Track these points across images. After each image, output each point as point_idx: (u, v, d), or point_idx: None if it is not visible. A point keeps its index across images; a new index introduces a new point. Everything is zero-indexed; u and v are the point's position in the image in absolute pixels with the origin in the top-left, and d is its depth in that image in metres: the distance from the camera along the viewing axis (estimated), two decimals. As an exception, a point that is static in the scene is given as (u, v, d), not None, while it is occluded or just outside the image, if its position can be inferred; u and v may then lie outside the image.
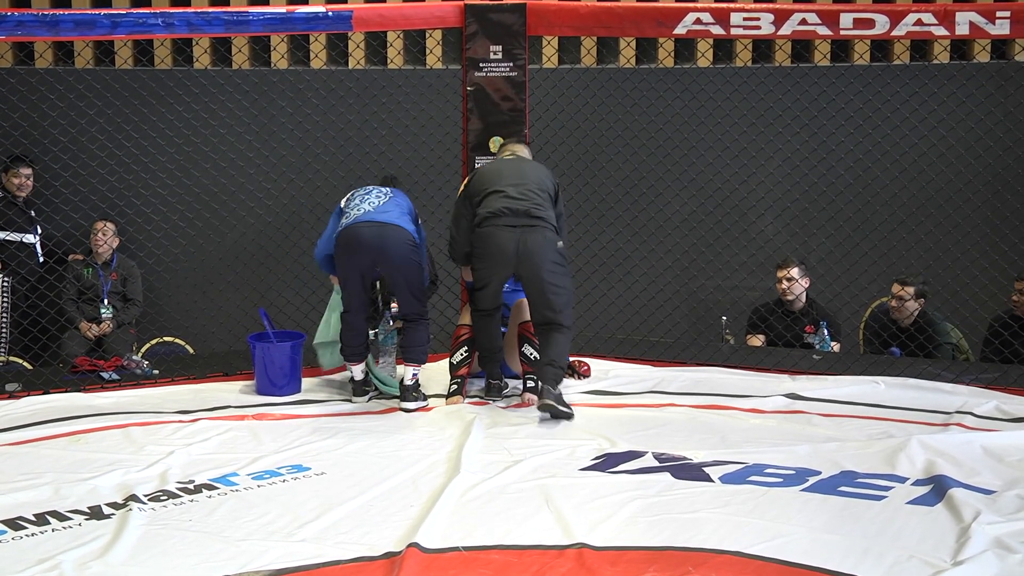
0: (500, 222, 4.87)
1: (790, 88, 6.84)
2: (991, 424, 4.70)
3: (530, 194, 4.94)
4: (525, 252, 4.84)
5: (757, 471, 4.09)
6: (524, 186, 4.97)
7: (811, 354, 5.90)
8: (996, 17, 5.46)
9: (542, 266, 4.84)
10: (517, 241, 4.85)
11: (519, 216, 4.87)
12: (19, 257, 6.77)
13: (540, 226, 4.87)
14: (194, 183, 7.07)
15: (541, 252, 4.84)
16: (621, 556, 3.31)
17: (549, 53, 7.68)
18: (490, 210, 4.92)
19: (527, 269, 4.88)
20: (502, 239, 4.86)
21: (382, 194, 5.15)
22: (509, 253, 4.87)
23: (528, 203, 4.90)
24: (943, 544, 3.37)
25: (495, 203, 4.92)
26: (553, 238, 4.90)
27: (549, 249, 4.86)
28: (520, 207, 4.88)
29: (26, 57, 7.65)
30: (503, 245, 4.86)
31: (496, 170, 5.11)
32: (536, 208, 4.90)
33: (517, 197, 4.91)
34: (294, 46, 7.67)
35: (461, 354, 5.23)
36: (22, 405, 5.04)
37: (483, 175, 5.12)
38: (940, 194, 6.66)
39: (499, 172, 5.08)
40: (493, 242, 4.89)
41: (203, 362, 5.89)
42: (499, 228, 4.87)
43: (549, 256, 4.86)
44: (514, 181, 4.98)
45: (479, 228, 4.96)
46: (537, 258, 4.84)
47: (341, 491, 3.92)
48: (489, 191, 4.99)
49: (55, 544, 3.43)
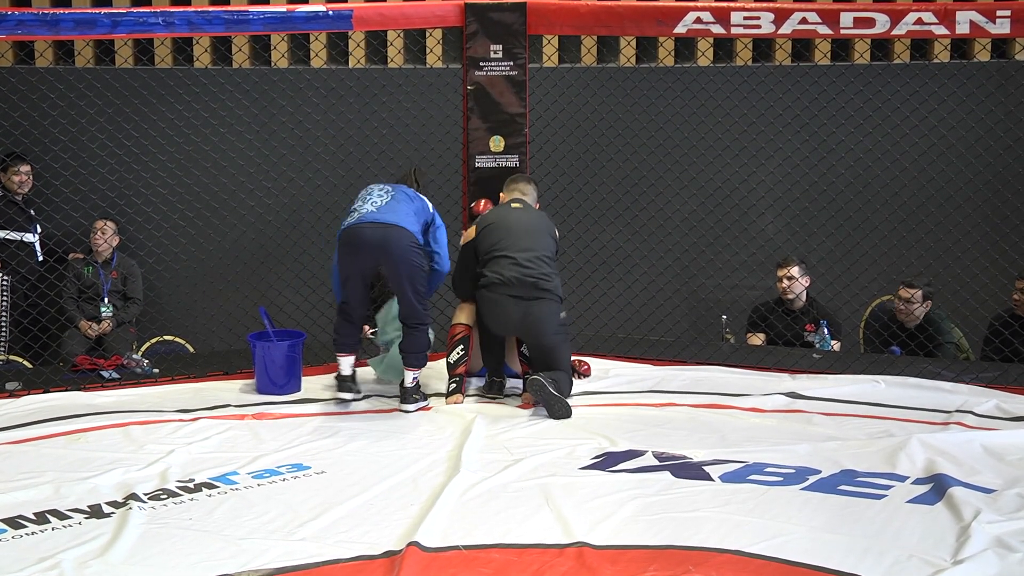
0: (509, 291, 5.04)
1: (790, 87, 6.84)
2: (991, 423, 4.70)
3: (539, 263, 5.09)
4: (531, 323, 5.06)
5: (757, 470, 4.09)
6: (533, 252, 5.11)
7: (811, 353, 5.90)
8: (996, 16, 5.46)
9: (545, 335, 5.08)
10: (524, 313, 5.04)
11: (527, 288, 5.04)
12: (19, 256, 6.77)
13: (547, 298, 5.07)
14: (194, 183, 7.06)
15: (546, 323, 5.06)
16: (621, 555, 3.31)
17: (549, 52, 7.68)
18: (500, 277, 5.06)
19: (531, 337, 5.14)
20: (509, 308, 5.05)
21: (384, 192, 5.13)
22: (515, 322, 5.09)
23: (537, 272, 5.06)
24: (943, 543, 3.37)
25: (505, 270, 5.06)
26: (557, 308, 5.11)
27: (553, 320, 5.09)
28: (529, 278, 5.04)
29: (26, 56, 7.65)
30: (510, 315, 5.06)
31: (506, 227, 5.20)
32: (544, 279, 5.07)
33: (526, 266, 5.06)
34: (294, 45, 7.67)
35: (458, 353, 5.23)
36: (22, 404, 5.04)
37: (493, 231, 5.22)
38: (940, 193, 6.66)
39: (508, 230, 5.18)
40: (500, 310, 5.08)
41: (203, 361, 5.89)
42: (506, 298, 5.06)
43: (551, 328, 5.08)
44: (524, 246, 5.12)
45: (487, 291, 5.10)
46: (542, 327, 5.06)
47: (341, 490, 3.92)
48: (498, 254, 5.12)
49: (55, 543, 3.43)
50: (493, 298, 5.08)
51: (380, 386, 5.41)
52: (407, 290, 4.97)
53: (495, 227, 5.23)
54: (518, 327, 5.12)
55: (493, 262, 5.13)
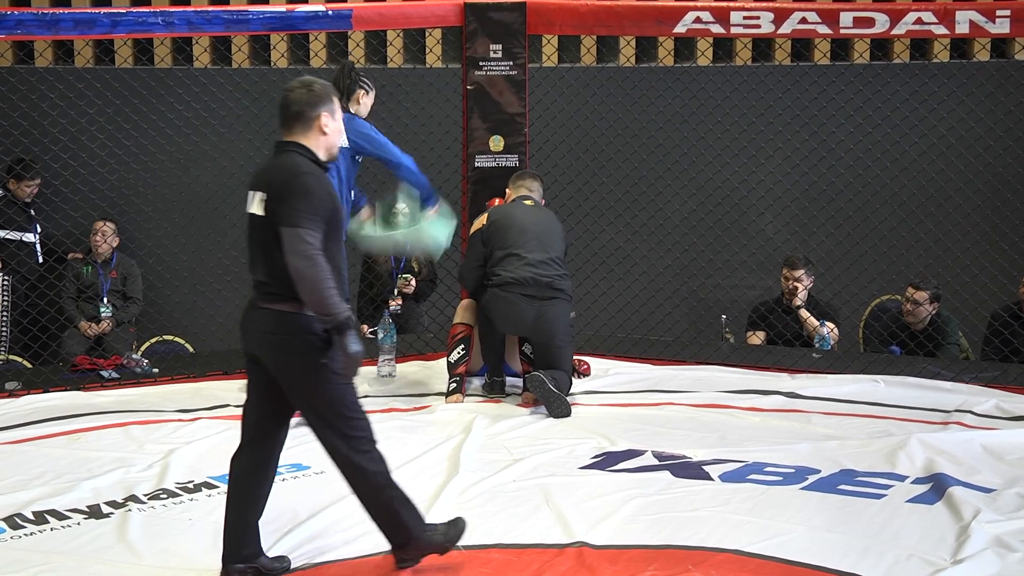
0: (523, 291, 5.04)
1: (790, 87, 6.84)
2: (991, 422, 4.70)
3: (552, 263, 5.11)
4: (545, 323, 5.06)
5: (757, 469, 4.09)
6: (547, 253, 5.12)
7: (811, 352, 5.90)
8: (996, 16, 5.46)
9: (557, 335, 5.08)
10: (538, 313, 5.04)
11: (542, 288, 5.05)
12: (19, 256, 6.77)
13: (560, 298, 5.09)
14: (194, 183, 7.06)
15: (558, 324, 5.08)
16: (621, 554, 3.31)
17: (549, 52, 7.67)
18: (513, 276, 5.04)
19: (542, 337, 5.11)
20: (523, 308, 5.04)
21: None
22: (527, 322, 5.08)
23: (550, 273, 5.07)
24: (943, 542, 3.37)
25: (518, 270, 5.05)
26: (568, 308, 5.15)
27: (565, 321, 5.12)
28: (544, 278, 5.04)
29: (26, 56, 7.64)
30: (523, 315, 5.06)
31: (518, 226, 5.17)
32: (558, 280, 5.09)
33: (541, 267, 5.06)
34: (294, 45, 7.67)
35: (458, 352, 5.23)
36: (22, 404, 5.04)
37: (504, 226, 5.20)
38: (940, 193, 6.65)
39: (521, 229, 5.15)
40: (513, 310, 5.06)
41: (203, 361, 5.89)
42: (520, 297, 5.04)
43: (563, 328, 5.10)
44: (538, 246, 5.12)
45: (499, 290, 5.07)
46: (554, 328, 5.07)
47: (341, 490, 3.88)
48: (511, 252, 5.10)
49: (54, 543, 3.44)
50: (506, 297, 5.05)
51: (379, 386, 5.41)
52: None
53: (508, 225, 5.20)
54: (531, 327, 5.10)
55: (506, 261, 5.10)
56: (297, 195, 3.08)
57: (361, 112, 4.98)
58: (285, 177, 3.14)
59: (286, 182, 3.13)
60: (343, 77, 4.95)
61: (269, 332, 3.15)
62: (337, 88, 4.92)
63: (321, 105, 3.24)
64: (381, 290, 6.53)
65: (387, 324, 5.57)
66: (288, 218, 3.06)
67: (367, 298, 6.60)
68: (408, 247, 5.05)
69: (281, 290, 3.11)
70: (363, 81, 5.01)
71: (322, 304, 3.02)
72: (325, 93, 3.27)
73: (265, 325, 3.16)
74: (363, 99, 5.00)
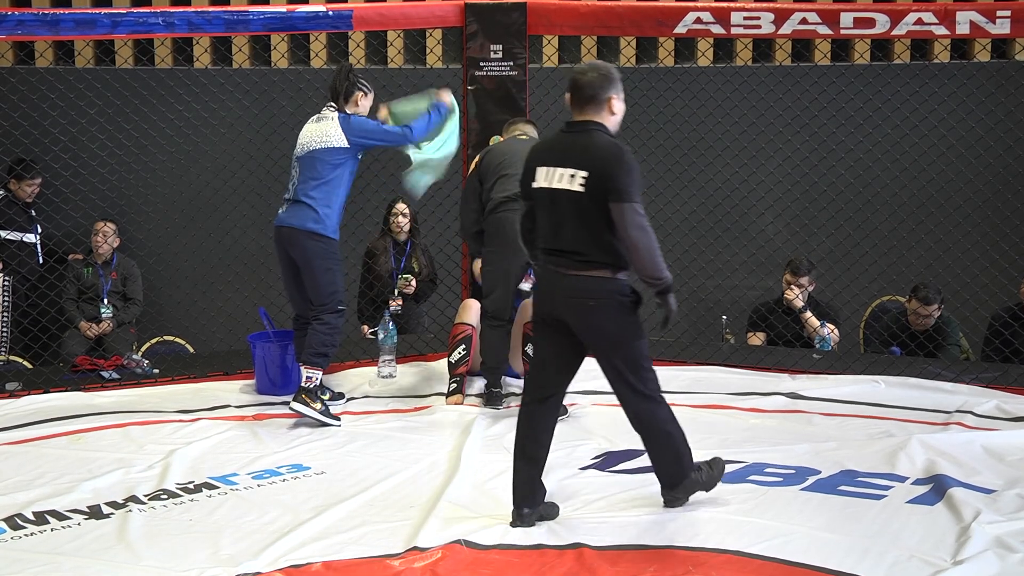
0: (516, 207, 4.80)
1: (790, 87, 6.83)
2: (991, 423, 4.70)
3: None
4: None
5: (757, 470, 4.09)
6: None
7: (811, 353, 5.90)
8: (996, 16, 5.45)
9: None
10: None
11: None
12: (19, 256, 6.77)
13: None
14: (194, 183, 7.06)
15: None
16: (621, 556, 3.32)
17: (549, 52, 7.67)
18: (505, 194, 4.92)
19: None
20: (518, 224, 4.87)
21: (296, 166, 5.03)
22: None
23: None
24: (943, 543, 3.38)
25: (511, 187, 4.85)
26: None
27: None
28: None
29: (26, 56, 7.65)
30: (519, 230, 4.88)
31: (512, 151, 5.06)
32: None
33: None
34: (294, 45, 7.67)
35: (459, 352, 5.23)
36: (22, 404, 5.04)
37: (496, 155, 5.12)
38: (940, 194, 6.65)
39: (515, 153, 4.98)
40: (510, 227, 4.79)
41: (203, 361, 5.89)
42: (515, 213, 4.80)
43: None
44: None
45: (494, 213, 4.98)
46: None
47: (341, 490, 3.92)
48: (503, 174, 4.99)
49: (54, 543, 3.44)
50: (500, 217, 4.93)
51: (380, 387, 5.41)
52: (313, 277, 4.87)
53: (500, 154, 5.09)
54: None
55: (497, 185, 4.98)
56: (625, 172, 3.41)
57: (360, 114, 5.00)
58: (607, 156, 3.45)
59: (611, 160, 3.43)
60: (341, 79, 4.95)
61: (584, 296, 3.45)
62: (335, 90, 4.94)
63: (612, 87, 3.57)
64: (381, 290, 6.53)
65: (387, 324, 5.57)
66: (621, 194, 3.38)
67: (367, 298, 6.60)
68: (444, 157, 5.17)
69: (598, 257, 3.44)
70: (361, 83, 5.01)
71: (655, 268, 3.44)
72: (614, 76, 3.58)
73: (579, 290, 3.45)
74: (361, 101, 5.01)
